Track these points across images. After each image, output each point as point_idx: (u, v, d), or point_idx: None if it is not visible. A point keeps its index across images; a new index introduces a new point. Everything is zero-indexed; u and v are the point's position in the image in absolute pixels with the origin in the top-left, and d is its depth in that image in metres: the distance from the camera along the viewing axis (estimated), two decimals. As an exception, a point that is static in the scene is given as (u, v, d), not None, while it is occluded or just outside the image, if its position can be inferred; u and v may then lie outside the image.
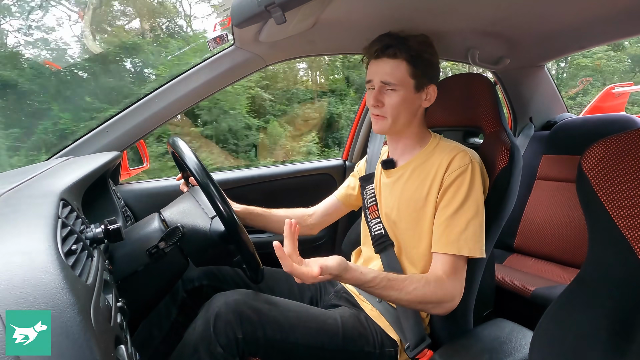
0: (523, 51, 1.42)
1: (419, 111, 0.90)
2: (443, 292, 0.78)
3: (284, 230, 0.71)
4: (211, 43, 1.23)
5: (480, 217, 0.81)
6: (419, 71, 0.85)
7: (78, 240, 0.50)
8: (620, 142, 0.54)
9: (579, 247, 1.37)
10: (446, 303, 0.78)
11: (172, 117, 1.19)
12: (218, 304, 0.76)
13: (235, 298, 0.78)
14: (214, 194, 0.74)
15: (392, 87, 0.85)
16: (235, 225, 0.76)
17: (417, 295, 0.76)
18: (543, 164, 1.56)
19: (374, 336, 0.86)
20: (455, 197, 0.81)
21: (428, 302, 0.77)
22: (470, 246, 0.79)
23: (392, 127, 0.89)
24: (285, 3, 0.65)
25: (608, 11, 1.05)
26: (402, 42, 0.84)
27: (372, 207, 0.99)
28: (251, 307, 0.77)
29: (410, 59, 0.83)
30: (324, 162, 1.71)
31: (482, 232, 0.81)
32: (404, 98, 0.85)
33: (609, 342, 0.50)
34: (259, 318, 0.77)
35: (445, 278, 0.79)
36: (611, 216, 0.52)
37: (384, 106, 0.86)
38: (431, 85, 0.88)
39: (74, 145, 1.11)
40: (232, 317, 0.74)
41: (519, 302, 1.21)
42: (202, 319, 0.76)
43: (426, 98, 0.89)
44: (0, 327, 0.30)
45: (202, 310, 0.78)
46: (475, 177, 0.82)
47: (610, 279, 0.52)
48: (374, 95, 0.87)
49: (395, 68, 0.84)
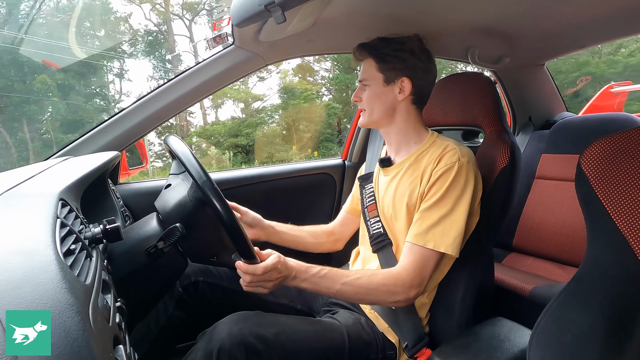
0: (523, 50, 1.42)
1: (399, 105, 0.91)
2: (393, 281, 0.79)
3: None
4: (211, 42, 1.23)
5: (457, 216, 0.81)
6: (387, 65, 0.90)
7: (77, 240, 0.50)
8: (619, 141, 0.54)
9: (577, 246, 1.37)
10: (399, 294, 0.79)
11: (171, 116, 1.19)
12: (221, 336, 0.71)
13: (239, 327, 0.73)
14: (218, 203, 0.71)
15: (365, 82, 0.93)
16: (229, 218, 0.72)
17: (361, 284, 0.78)
18: (542, 163, 1.56)
19: (377, 341, 0.87)
20: (436, 192, 0.82)
21: (376, 291, 0.79)
22: (436, 240, 0.80)
23: (369, 119, 0.95)
24: (285, 2, 0.65)
25: (608, 10, 1.05)
26: (375, 44, 0.92)
27: (370, 206, 0.99)
28: (257, 337, 0.73)
29: (377, 55, 0.91)
30: (324, 161, 1.71)
31: (455, 230, 0.80)
32: (375, 91, 0.92)
33: (607, 340, 0.50)
34: (265, 347, 0.73)
35: (399, 269, 0.80)
36: (610, 215, 0.53)
37: (362, 101, 0.94)
38: (403, 78, 0.89)
39: (73, 145, 1.11)
40: (236, 351, 0.70)
41: (517, 301, 1.22)
42: (203, 351, 0.72)
43: (400, 91, 0.90)
44: (0, 327, 0.30)
45: (203, 341, 0.74)
46: (460, 176, 0.82)
47: (608, 278, 0.52)
48: (355, 92, 0.97)
49: (367, 66, 0.93)
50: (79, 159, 0.95)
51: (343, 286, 0.79)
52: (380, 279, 0.80)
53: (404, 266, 0.81)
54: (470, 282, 0.88)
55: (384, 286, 0.79)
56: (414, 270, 0.80)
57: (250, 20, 0.75)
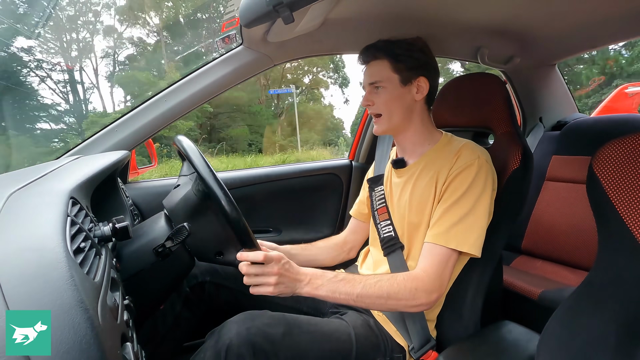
0: (534, 50, 1.40)
1: (415, 106, 0.90)
2: (415, 284, 0.76)
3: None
4: (220, 43, 1.23)
5: (478, 215, 0.79)
6: (402, 65, 0.87)
7: (86, 238, 0.51)
8: (632, 143, 0.53)
9: (587, 249, 1.34)
10: (420, 298, 0.76)
11: (180, 116, 1.20)
12: (229, 335, 0.72)
13: (247, 327, 0.74)
14: (217, 190, 0.72)
15: (379, 84, 0.89)
16: (236, 216, 0.73)
17: (382, 287, 0.76)
18: (553, 165, 1.53)
19: (385, 343, 0.86)
20: (455, 191, 0.81)
21: (397, 295, 0.75)
22: (458, 240, 0.78)
23: (389, 124, 0.90)
24: (294, 3, 0.65)
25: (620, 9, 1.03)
26: (385, 44, 0.89)
27: (381, 209, 0.98)
28: (264, 336, 0.73)
29: (391, 55, 0.87)
30: (331, 162, 1.71)
31: (477, 230, 0.79)
32: (392, 93, 0.88)
33: (618, 346, 0.49)
34: (273, 347, 0.73)
35: (419, 271, 0.78)
36: (623, 219, 0.52)
37: (375, 104, 0.90)
38: (420, 77, 0.88)
39: (83, 145, 1.12)
40: (244, 350, 0.70)
41: (526, 305, 1.20)
42: (212, 350, 0.72)
43: (417, 91, 0.89)
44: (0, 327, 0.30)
45: (212, 340, 0.74)
46: (480, 174, 0.81)
47: (620, 282, 0.51)
48: (364, 96, 0.92)
49: (379, 67, 0.88)
50: (89, 157, 0.96)
51: (363, 290, 0.76)
52: (400, 281, 0.77)
53: (424, 268, 0.79)
54: (479, 285, 0.87)
55: (404, 289, 0.75)
56: (435, 272, 0.78)
57: (258, 21, 0.75)
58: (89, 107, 16.13)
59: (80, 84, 15.25)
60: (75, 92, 15.58)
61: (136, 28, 16.25)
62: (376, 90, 0.89)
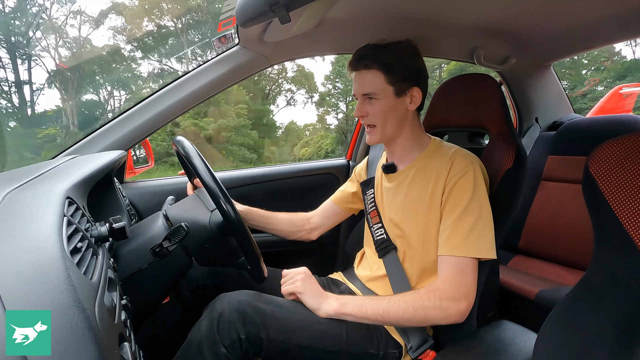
0: (530, 51, 1.40)
1: (407, 115, 0.90)
2: (438, 294, 0.77)
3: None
4: (216, 43, 1.23)
5: (486, 217, 0.80)
6: (396, 77, 0.85)
7: (83, 239, 0.50)
8: (628, 143, 0.54)
9: (584, 248, 1.35)
10: (449, 308, 0.76)
11: (176, 116, 1.20)
12: (222, 305, 0.77)
13: (238, 299, 0.79)
14: (214, 188, 0.76)
15: (373, 96, 0.87)
16: (236, 219, 0.76)
17: (406, 302, 0.78)
18: (549, 165, 1.54)
19: (379, 338, 0.86)
20: (460, 200, 0.81)
21: (422, 307, 0.77)
22: (477, 247, 0.78)
23: (382, 135, 0.90)
24: (290, 3, 0.65)
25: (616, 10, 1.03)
26: (376, 52, 0.86)
27: (372, 212, 0.99)
28: (254, 308, 0.78)
29: (384, 67, 0.85)
30: (328, 161, 1.71)
31: (489, 232, 0.80)
32: (387, 105, 0.87)
33: (615, 345, 0.49)
34: (262, 319, 0.77)
35: (440, 282, 0.78)
36: (619, 218, 0.52)
37: (369, 115, 0.89)
38: (414, 87, 0.88)
39: (79, 144, 1.12)
40: (235, 317, 0.75)
41: (523, 304, 1.21)
42: (207, 319, 0.76)
43: (411, 101, 0.88)
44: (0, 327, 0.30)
45: (207, 311, 0.79)
46: (477, 178, 0.82)
47: (616, 281, 0.52)
48: (357, 107, 0.91)
49: (372, 78, 0.86)
50: (85, 157, 0.96)
51: (388, 305, 0.78)
52: (423, 294, 0.78)
53: (444, 278, 0.79)
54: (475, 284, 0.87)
55: (429, 300, 0.76)
56: (456, 281, 0.78)
57: (255, 21, 0.75)
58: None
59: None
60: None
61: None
62: (370, 101, 0.88)
